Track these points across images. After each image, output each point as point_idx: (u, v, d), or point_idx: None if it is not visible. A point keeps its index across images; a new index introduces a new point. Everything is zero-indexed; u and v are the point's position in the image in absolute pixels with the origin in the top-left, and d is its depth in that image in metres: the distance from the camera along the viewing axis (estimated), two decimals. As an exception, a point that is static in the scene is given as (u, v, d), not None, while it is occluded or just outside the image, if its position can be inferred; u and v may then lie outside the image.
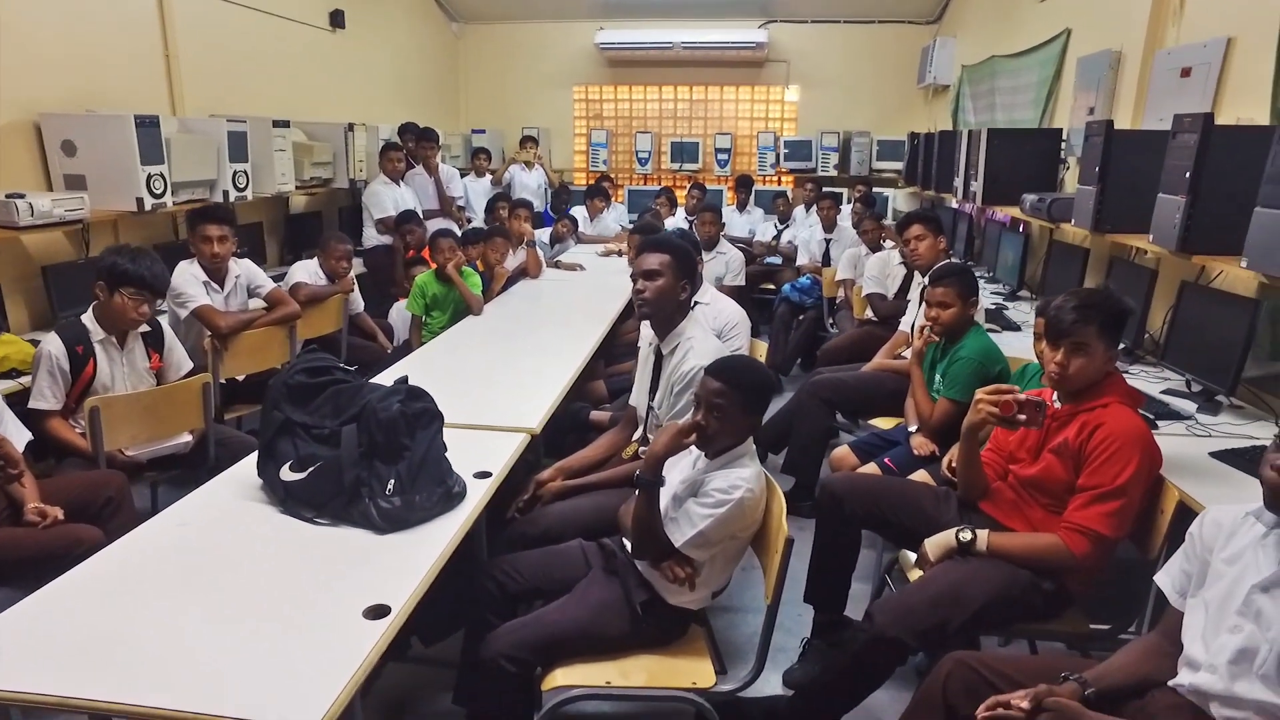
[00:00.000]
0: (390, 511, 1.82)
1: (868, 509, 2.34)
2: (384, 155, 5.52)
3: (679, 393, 2.30)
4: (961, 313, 2.79)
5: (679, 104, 8.92)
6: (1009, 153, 4.56)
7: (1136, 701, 1.57)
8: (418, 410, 1.96)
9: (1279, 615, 1.39)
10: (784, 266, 6.38)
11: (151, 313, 2.76)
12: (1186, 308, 2.90)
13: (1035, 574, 2.01)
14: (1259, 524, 1.49)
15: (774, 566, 1.79)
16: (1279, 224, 2.17)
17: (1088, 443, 1.99)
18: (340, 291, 4.12)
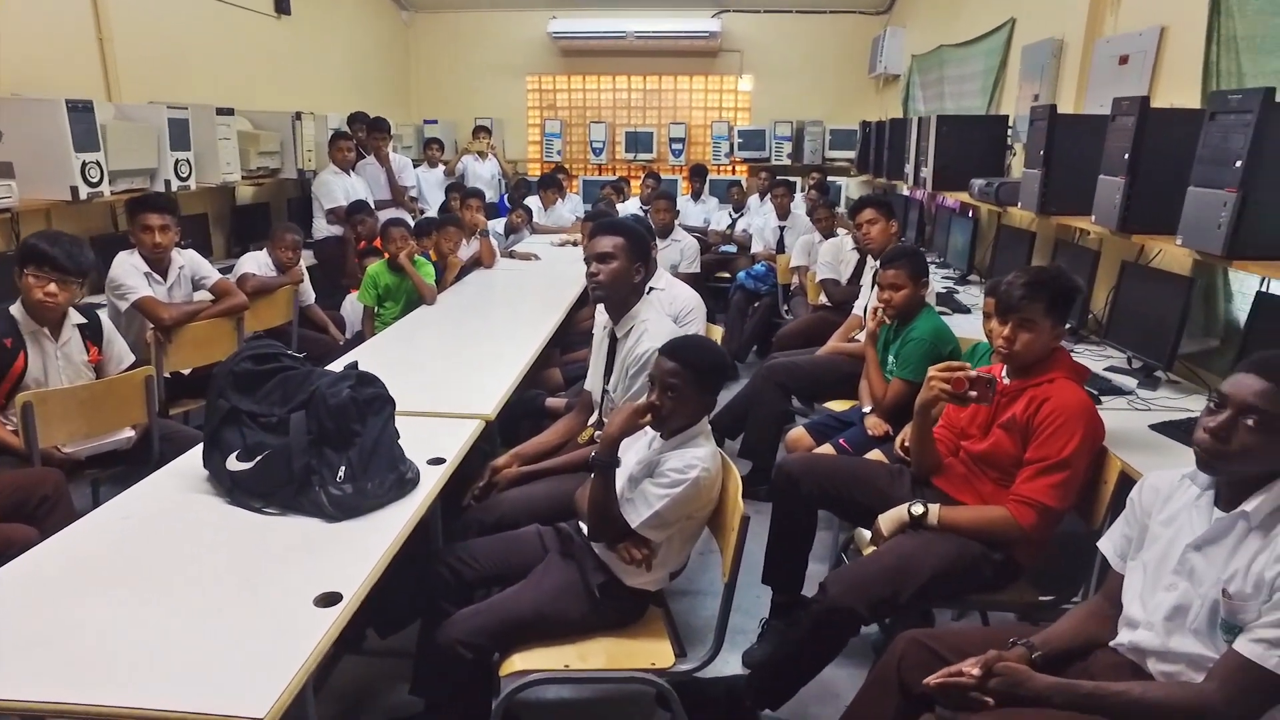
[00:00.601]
0: (341, 499, 1.79)
1: (823, 489, 2.37)
2: (333, 145, 5.41)
3: (634, 375, 2.29)
4: (913, 294, 2.83)
5: (633, 94, 8.90)
6: (958, 139, 4.64)
7: (1080, 663, 1.62)
8: (369, 396, 1.92)
9: (1210, 572, 1.44)
10: (739, 255, 6.41)
11: (67, 297, 2.57)
12: (1127, 287, 2.98)
13: (985, 546, 2.05)
14: (1194, 486, 1.54)
15: (730, 545, 1.80)
16: (1210, 202, 2.23)
17: (1035, 417, 2.04)
18: (289, 282, 4.03)
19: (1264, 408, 1.37)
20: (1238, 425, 1.39)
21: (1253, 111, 2.08)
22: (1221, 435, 1.40)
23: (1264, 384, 1.38)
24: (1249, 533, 1.42)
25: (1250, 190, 2.13)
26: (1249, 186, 2.13)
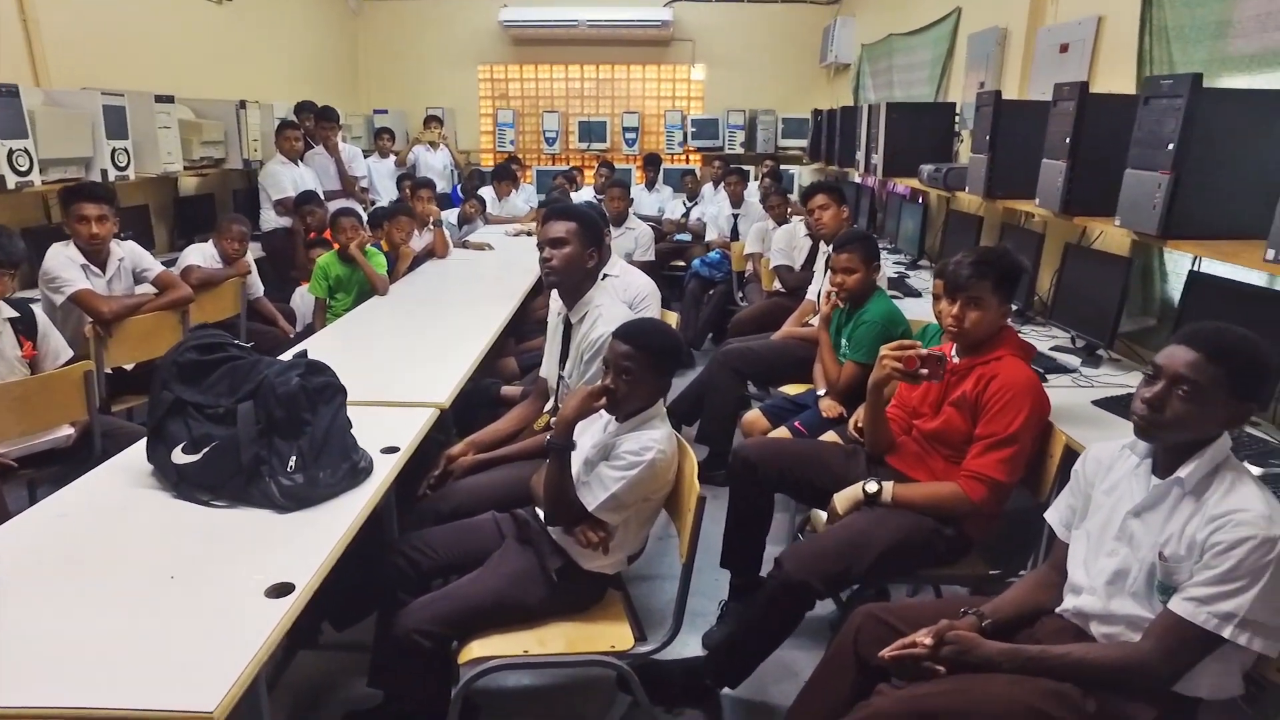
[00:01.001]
0: (292, 489, 1.75)
1: (780, 472, 2.39)
2: (280, 134, 5.29)
3: (589, 360, 2.29)
4: (865, 277, 2.87)
5: (586, 83, 8.86)
6: (907, 126, 4.71)
7: (1028, 629, 1.67)
8: (319, 384, 1.89)
9: (1148, 537, 1.49)
10: (693, 243, 6.43)
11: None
12: (1070, 268, 3.06)
13: (937, 521, 2.09)
14: (1133, 456, 1.59)
15: (687, 526, 1.81)
16: (1145, 184, 2.30)
17: (983, 394, 2.08)
18: (236, 275, 3.94)
19: (1193, 377, 1.42)
20: (1171, 395, 1.44)
21: (1182, 96, 2.15)
22: (1156, 405, 1.45)
23: (1194, 355, 1.43)
24: (1183, 498, 1.47)
25: (1182, 172, 2.20)
26: (1181, 168, 2.20)
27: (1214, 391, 1.41)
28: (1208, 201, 2.21)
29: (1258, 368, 1.43)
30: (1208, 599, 1.38)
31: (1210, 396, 1.42)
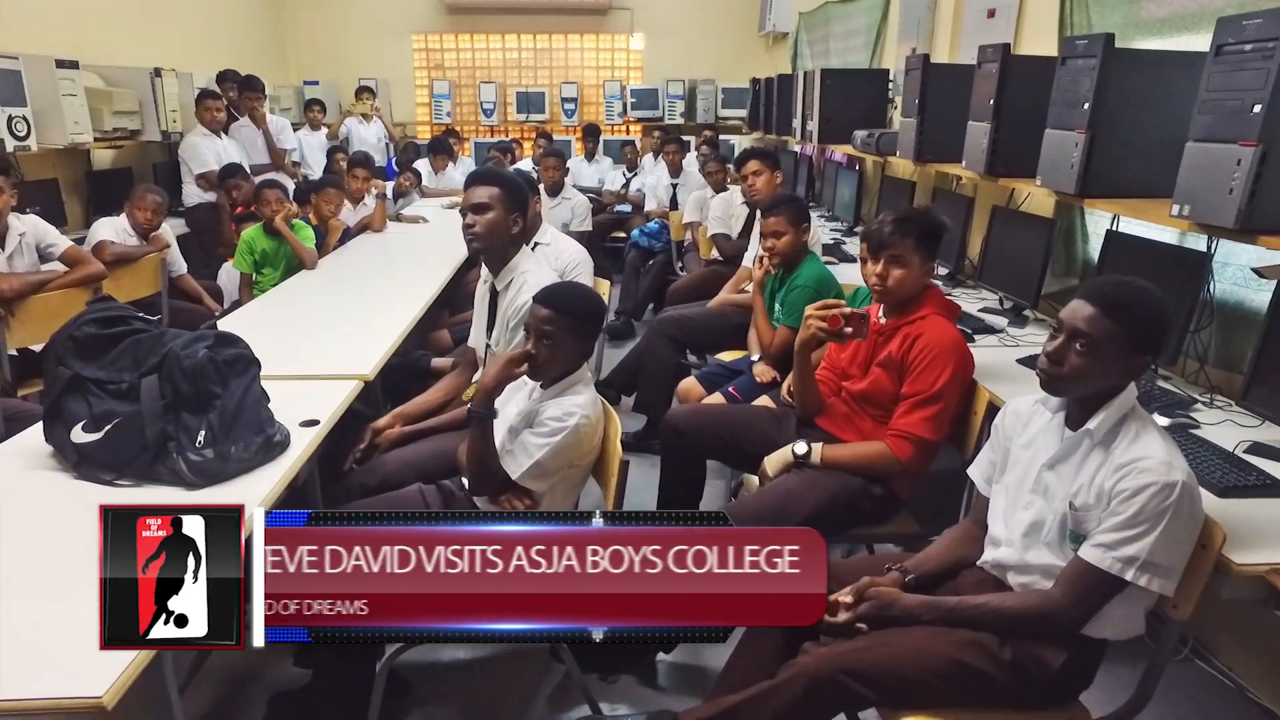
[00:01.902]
0: (201, 465, 1.69)
1: (710, 438, 2.39)
2: (201, 104, 5.06)
3: (515, 328, 2.25)
4: (795, 240, 2.87)
5: (523, 53, 8.69)
6: (842, 93, 4.73)
7: (950, 582, 1.69)
8: (230, 357, 1.81)
9: (1061, 488, 1.52)
10: (634, 214, 6.38)
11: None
12: (997, 231, 3.10)
13: (866, 480, 2.11)
14: (1046, 410, 1.61)
15: (612, 490, 1.80)
16: (1064, 143, 2.34)
17: (909, 353, 2.10)
18: (153, 250, 3.78)
19: (1089, 331, 1.44)
20: (1069, 349, 1.46)
21: (1096, 56, 2.18)
22: (1056, 359, 1.48)
23: (1092, 310, 1.46)
24: (1093, 449, 1.50)
25: (1097, 131, 2.24)
26: (1096, 128, 2.24)
27: (1110, 344, 1.44)
28: (1122, 160, 2.26)
29: (1152, 320, 1.46)
30: (1113, 544, 1.42)
31: (1106, 349, 1.44)
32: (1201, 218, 1.85)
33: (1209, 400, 2.17)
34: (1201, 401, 2.17)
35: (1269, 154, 1.68)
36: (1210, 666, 2.26)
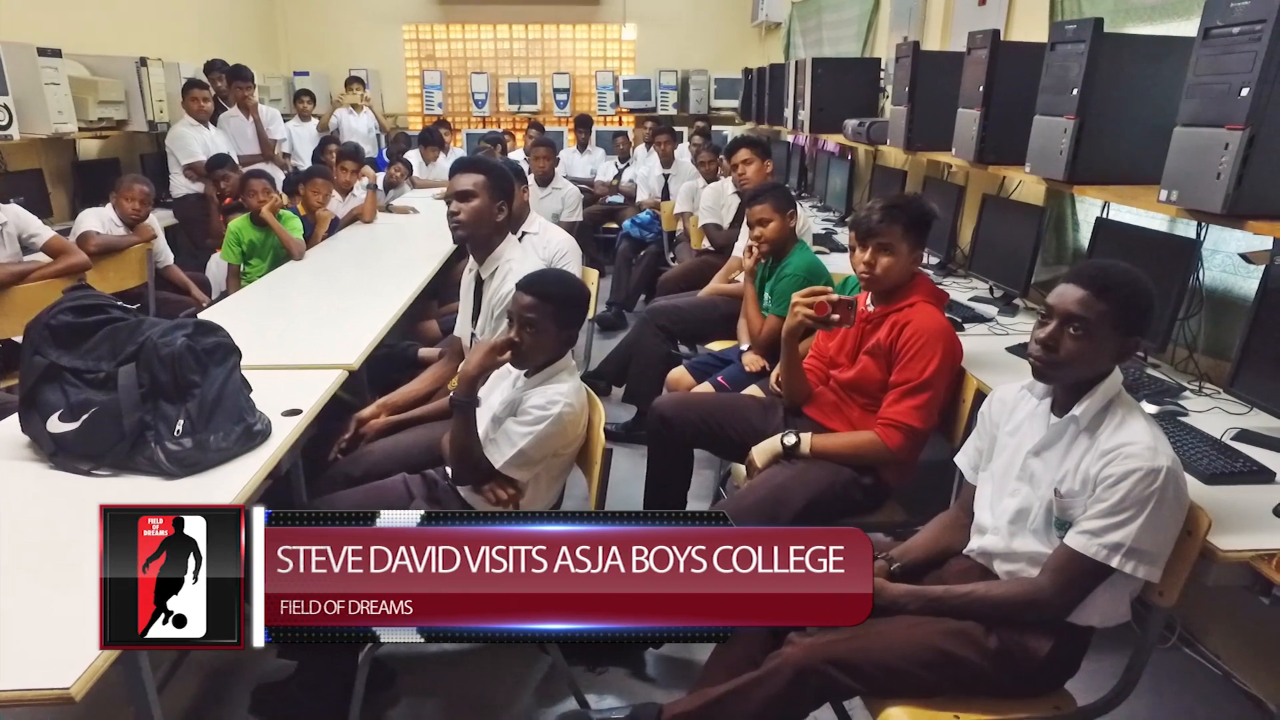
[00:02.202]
0: (180, 454, 1.67)
1: (697, 427, 2.37)
2: (187, 95, 5.01)
3: (500, 316, 2.23)
4: (782, 227, 2.85)
5: (515, 43, 8.64)
6: (833, 82, 4.70)
7: (936, 571, 1.68)
8: (209, 345, 1.79)
9: (1047, 475, 1.51)
10: (626, 205, 6.36)
11: None
12: (988, 219, 3.09)
13: (855, 470, 2.10)
14: (1033, 397, 1.60)
15: (595, 478, 1.78)
16: (1053, 129, 2.32)
17: (897, 341, 2.08)
18: (139, 241, 3.74)
19: (1083, 314, 1.43)
20: (1063, 334, 1.45)
21: (1085, 41, 2.17)
22: (1050, 344, 1.46)
23: (1082, 293, 1.44)
24: (1078, 435, 1.49)
25: (1086, 117, 2.22)
26: (1085, 113, 2.22)
27: (1102, 326, 1.43)
28: (1111, 147, 2.24)
29: (1140, 300, 1.45)
30: (1098, 531, 1.40)
31: (1099, 332, 1.43)
32: (1189, 203, 1.83)
33: (1198, 388, 2.16)
34: (1190, 389, 2.16)
35: (1257, 137, 1.66)
36: (1197, 654, 2.26)
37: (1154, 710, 2.05)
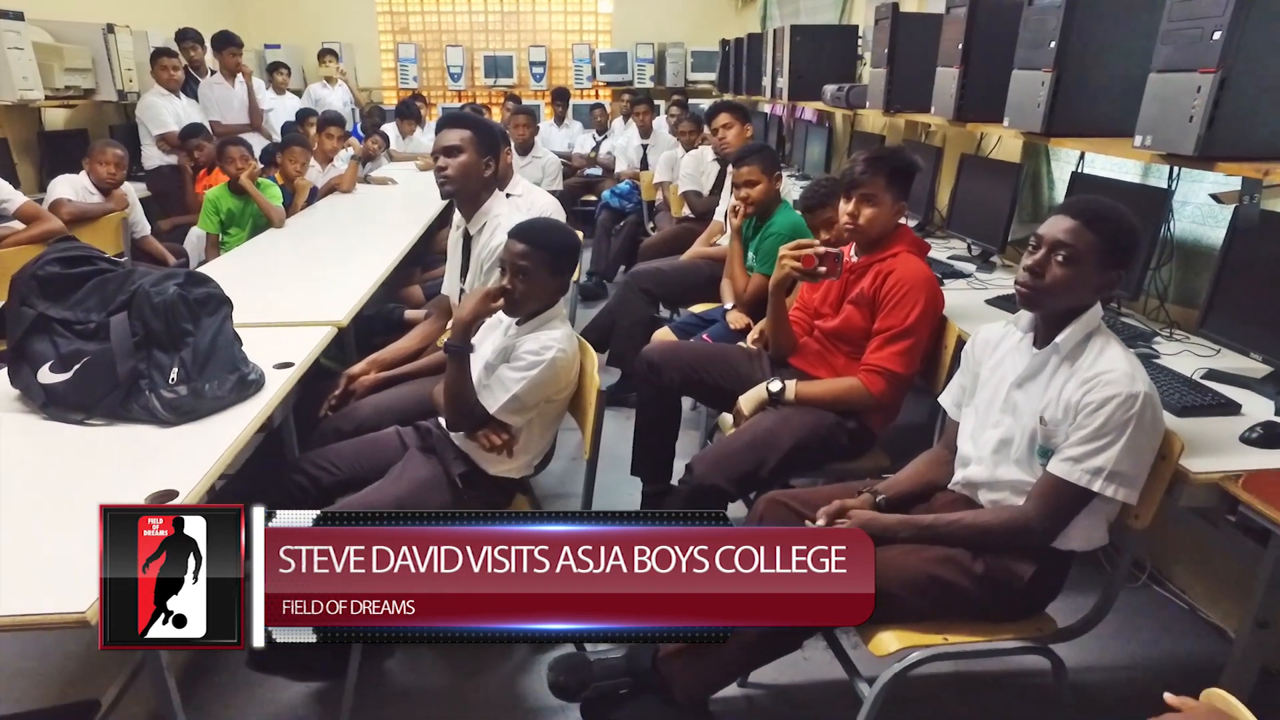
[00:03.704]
0: (175, 402, 1.67)
1: (684, 374, 2.41)
2: (156, 63, 4.91)
3: (489, 270, 2.24)
4: (769, 188, 2.89)
5: (490, 16, 8.55)
6: (812, 49, 4.73)
7: (922, 505, 1.73)
8: (201, 295, 1.79)
9: (1029, 406, 1.56)
10: (604, 177, 6.36)
11: None
12: (965, 178, 3.14)
13: (840, 416, 2.15)
14: (1016, 331, 1.65)
15: (589, 421, 1.81)
16: (1030, 83, 2.37)
17: (880, 289, 2.13)
18: (115, 209, 3.69)
19: (1070, 242, 1.48)
20: (1050, 261, 1.50)
21: (1062, -7, 2.21)
22: (1037, 271, 1.51)
23: (1072, 222, 1.49)
24: (1060, 365, 1.54)
25: (1063, 69, 2.27)
26: (1062, 66, 2.27)
27: (1089, 256, 1.47)
28: (1088, 98, 2.29)
29: (1126, 233, 1.50)
30: (1080, 457, 1.46)
31: (1085, 261, 1.48)
32: (1163, 147, 1.88)
33: (1169, 334, 2.23)
34: (1162, 335, 2.23)
35: (1228, 79, 1.71)
36: (1165, 590, 2.35)
37: (1125, 641, 2.14)
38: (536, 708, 1.92)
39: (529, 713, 1.91)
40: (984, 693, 2.01)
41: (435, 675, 2.04)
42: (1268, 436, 1.58)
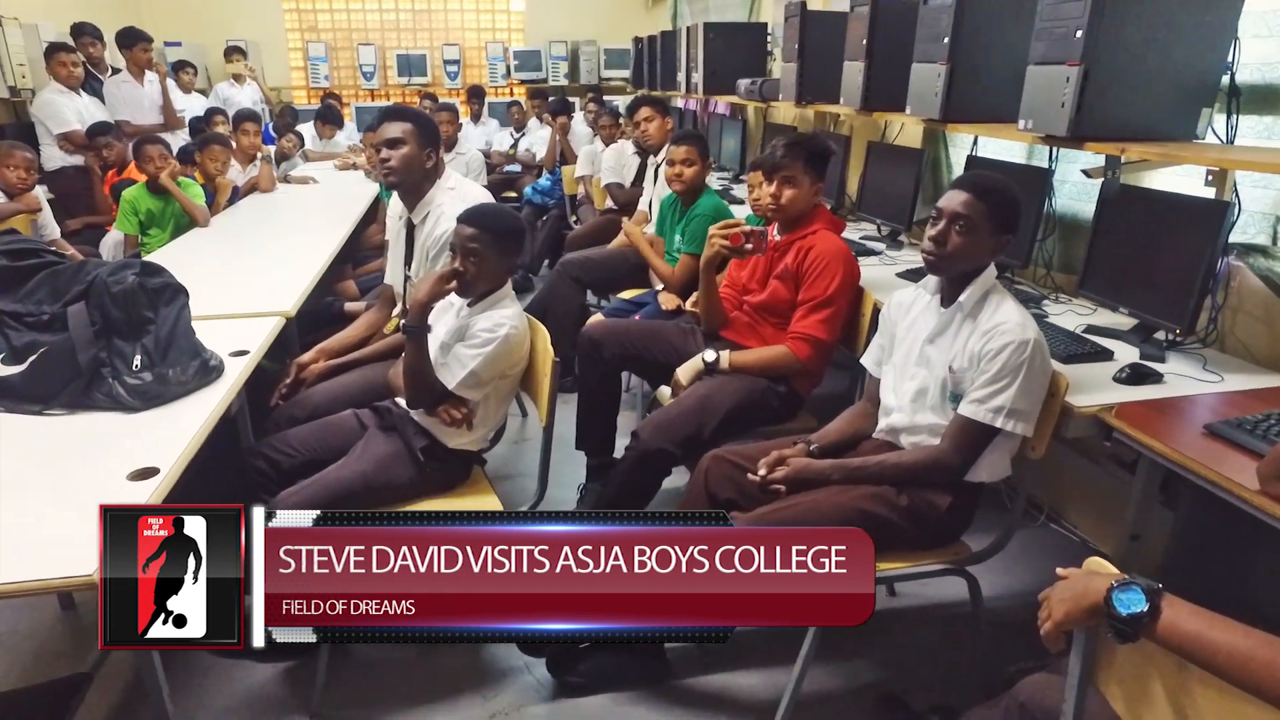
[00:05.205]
0: (141, 388, 1.72)
1: (624, 349, 2.56)
2: (54, 59, 4.72)
3: (435, 257, 2.33)
4: (702, 171, 3.07)
5: (401, 14, 8.49)
6: (724, 45, 4.94)
7: (850, 454, 1.92)
8: (158, 285, 1.84)
9: (940, 358, 1.77)
10: (524, 174, 6.44)
11: None
12: (873, 164, 3.38)
13: (771, 381, 2.33)
14: (925, 293, 1.86)
15: (544, 391, 1.94)
16: (929, 75, 2.61)
17: (803, 263, 2.32)
18: (24, 210, 3.58)
19: (966, 213, 1.69)
20: (950, 230, 1.71)
21: (953, -5, 2.45)
22: (940, 240, 1.72)
23: (966, 195, 1.70)
24: (964, 320, 1.75)
25: (956, 62, 2.51)
26: (955, 59, 2.51)
27: (982, 224, 1.69)
28: (979, 88, 2.54)
29: (1012, 203, 1.72)
30: (984, 399, 1.67)
31: (980, 228, 1.69)
32: (1042, 129, 2.13)
33: (1055, 297, 2.50)
34: (1049, 298, 2.50)
35: (1090, 72, 1.97)
36: (1060, 528, 2.63)
37: (1027, 571, 2.39)
38: (505, 668, 2.03)
39: (498, 673, 2.02)
40: (912, 621, 2.24)
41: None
42: (1134, 375, 1.84)
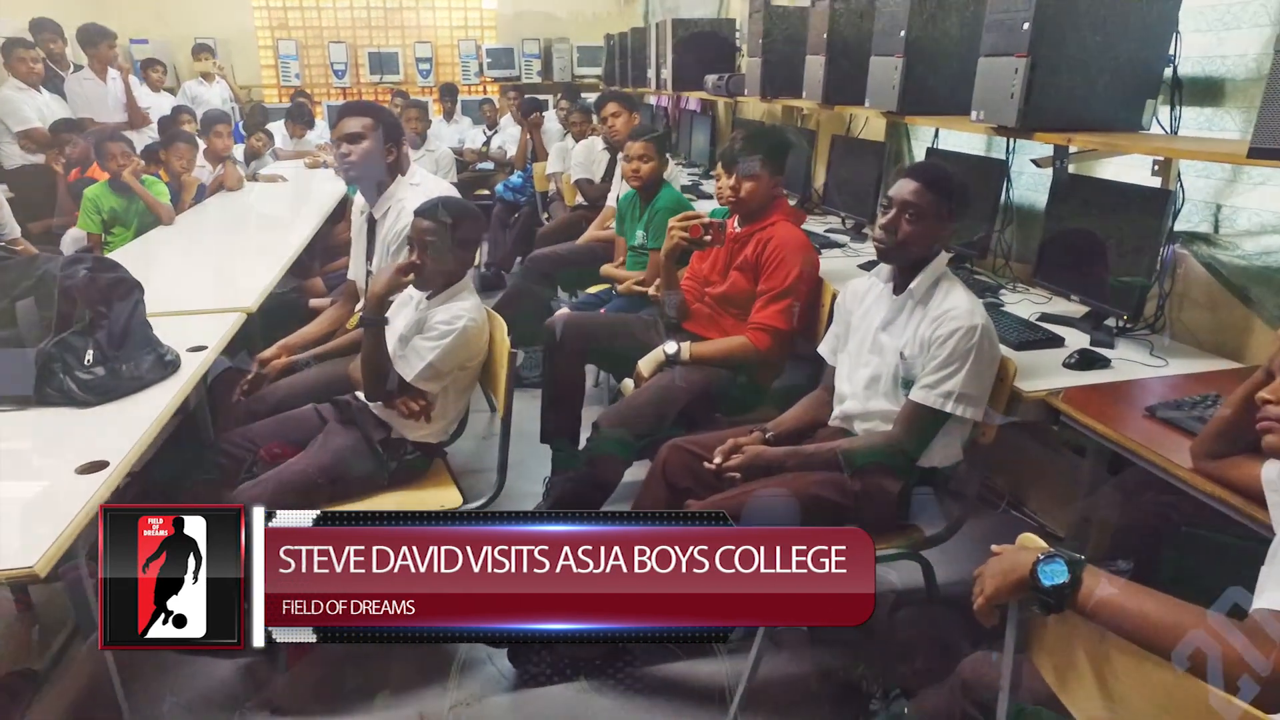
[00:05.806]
0: (93, 382, 1.72)
1: (586, 340, 2.58)
2: (12, 55, 4.63)
3: (396, 252, 2.33)
4: (658, 167, 3.08)
5: (373, 12, 8.42)
6: (692, 42, 4.96)
7: (808, 441, 1.95)
8: (111, 280, 1.83)
9: (892, 345, 1.80)
10: (496, 171, 6.43)
11: None
12: (837, 158, 3.42)
13: (731, 372, 2.35)
14: (878, 282, 1.89)
15: (502, 382, 1.95)
16: (886, 68, 2.64)
17: (762, 255, 2.35)
18: (-18, 210, 3.54)
19: (915, 202, 1.72)
20: (900, 219, 1.74)
21: (907, -11, 2.48)
22: (890, 229, 1.75)
23: (915, 185, 1.73)
24: (915, 307, 1.78)
25: (913, 55, 2.55)
26: (912, 52, 2.54)
27: (930, 212, 1.72)
28: (935, 80, 2.58)
29: (957, 190, 1.76)
30: (934, 384, 1.70)
31: (928, 216, 1.72)
32: (994, 119, 2.17)
33: (1012, 286, 2.54)
34: (1006, 288, 2.53)
35: (1036, 64, 2.01)
36: (1020, 514, 2.67)
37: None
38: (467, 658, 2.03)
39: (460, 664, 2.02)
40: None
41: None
42: (1083, 360, 1.88)
